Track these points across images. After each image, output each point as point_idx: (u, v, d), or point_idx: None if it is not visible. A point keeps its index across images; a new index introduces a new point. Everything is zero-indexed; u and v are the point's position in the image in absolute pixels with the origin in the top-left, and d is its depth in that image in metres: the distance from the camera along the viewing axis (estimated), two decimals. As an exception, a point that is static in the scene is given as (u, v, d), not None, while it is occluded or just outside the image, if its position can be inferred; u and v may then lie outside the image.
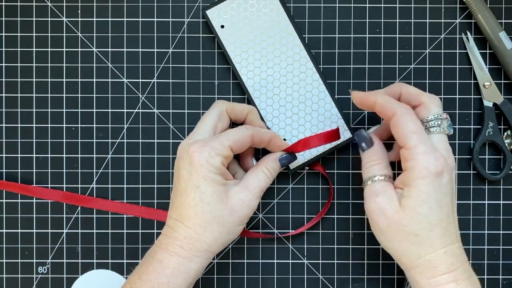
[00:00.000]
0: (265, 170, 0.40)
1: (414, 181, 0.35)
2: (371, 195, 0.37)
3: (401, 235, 0.36)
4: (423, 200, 0.35)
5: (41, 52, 0.45)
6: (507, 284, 0.46)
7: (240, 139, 0.38)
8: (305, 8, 0.45)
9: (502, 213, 0.46)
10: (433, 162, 0.34)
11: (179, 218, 0.37)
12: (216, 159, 0.36)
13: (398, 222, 0.35)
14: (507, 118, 0.44)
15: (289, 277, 0.46)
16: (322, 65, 0.45)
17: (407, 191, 0.35)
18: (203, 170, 0.36)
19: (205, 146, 0.36)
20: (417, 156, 0.35)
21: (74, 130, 0.46)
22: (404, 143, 0.36)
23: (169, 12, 0.45)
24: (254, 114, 0.42)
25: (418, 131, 0.35)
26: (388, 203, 0.36)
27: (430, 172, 0.34)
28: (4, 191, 0.45)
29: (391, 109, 0.36)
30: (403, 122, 0.36)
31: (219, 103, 0.41)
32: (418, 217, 0.35)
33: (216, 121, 0.39)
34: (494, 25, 0.44)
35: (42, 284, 0.46)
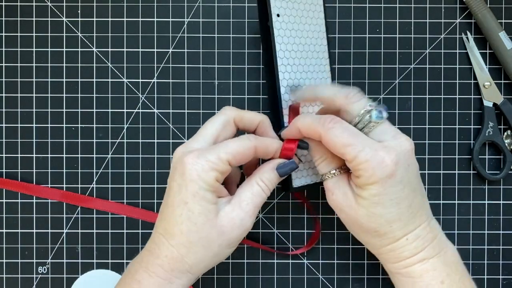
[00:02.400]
0: (260, 182, 0.35)
1: (364, 186, 0.33)
2: (327, 192, 0.36)
3: (361, 229, 0.35)
4: (375, 202, 0.33)
5: (41, 52, 0.45)
6: (507, 284, 0.46)
7: (240, 151, 0.34)
8: (305, 8, 0.45)
9: (502, 213, 0.46)
10: (379, 167, 0.32)
11: (164, 234, 0.34)
12: (210, 175, 0.33)
13: (356, 220, 0.35)
14: (507, 118, 0.44)
15: (289, 277, 0.46)
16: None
17: (360, 191, 0.34)
18: (194, 186, 0.33)
19: (199, 158, 0.33)
20: (359, 166, 0.33)
21: (74, 130, 0.46)
22: (344, 158, 0.34)
23: (169, 12, 0.45)
24: (267, 124, 0.38)
25: (351, 141, 0.33)
26: (343, 200, 0.35)
27: (378, 177, 0.32)
28: (4, 190, 0.45)
29: (314, 132, 0.34)
30: (331, 139, 0.33)
31: (226, 109, 0.37)
32: (374, 216, 0.34)
33: (219, 130, 0.36)
34: (494, 25, 0.44)
35: (42, 284, 0.46)
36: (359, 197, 0.34)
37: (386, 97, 0.45)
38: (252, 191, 0.35)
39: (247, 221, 0.34)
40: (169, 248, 0.34)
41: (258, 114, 0.38)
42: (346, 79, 0.45)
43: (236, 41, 0.45)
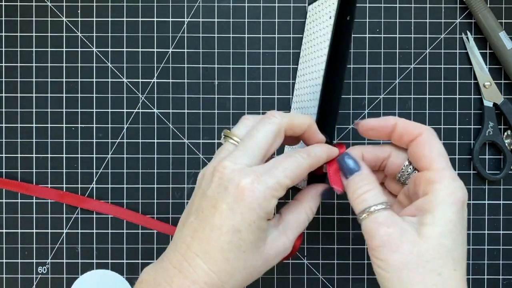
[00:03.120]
0: (308, 211, 0.33)
1: (439, 206, 0.30)
2: (377, 228, 0.30)
3: (421, 273, 0.29)
4: (449, 230, 0.29)
5: (41, 52, 0.45)
6: (507, 284, 0.46)
7: (298, 173, 0.31)
8: (305, 8, 0.45)
9: (502, 213, 0.46)
10: (460, 189, 0.30)
11: (201, 256, 0.30)
12: (272, 203, 0.30)
13: (419, 257, 0.29)
14: (507, 118, 0.44)
15: (289, 277, 0.46)
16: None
17: (430, 218, 0.30)
18: (252, 215, 0.29)
19: (259, 184, 0.29)
20: (444, 179, 0.30)
21: (74, 130, 0.46)
22: (430, 164, 0.31)
23: (169, 12, 0.45)
24: (314, 128, 0.34)
25: (445, 155, 0.32)
26: (403, 235, 0.30)
27: (458, 199, 0.30)
28: (4, 190, 0.45)
29: (416, 129, 0.33)
30: (431, 142, 0.32)
31: (275, 117, 0.32)
32: (443, 251, 0.29)
33: (270, 143, 0.31)
34: (494, 25, 0.44)
35: (42, 284, 0.46)
36: (427, 225, 0.30)
37: (386, 97, 0.45)
38: (300, 219, 0.33)
39: (289, 248, 0.32)
40: (210, 274, 0.30)
41: (306, 118, 0.33)
42: (346, 79, 0.45)
43: (236, 41, 0.45)
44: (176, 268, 0.30)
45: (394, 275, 0.29)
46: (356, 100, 0.45)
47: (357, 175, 0.33)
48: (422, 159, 0.32)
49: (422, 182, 0.31)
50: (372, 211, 0.31)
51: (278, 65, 0.45)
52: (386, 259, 0.30)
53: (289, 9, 0.45)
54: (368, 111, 0.45)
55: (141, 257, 0.46)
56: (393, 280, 0.30)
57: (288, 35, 0.45)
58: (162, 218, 0.46)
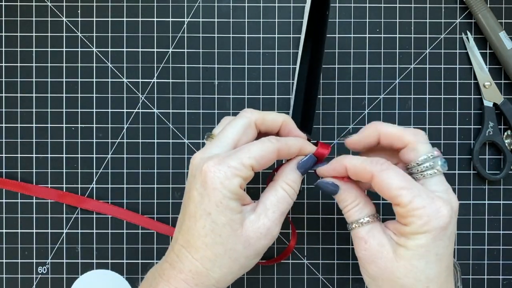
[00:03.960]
0: (284, 186, 0.33)
1: (413, 235, 0.31)
2: (359, 241, 0.33)
3: (394, 285, 0.31)
4: (421, 254, 0.30)
5: (41, 52, 0.45)
6: (507, 284, 0.46)
7: (264, 155, 0.32)
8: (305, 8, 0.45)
9: (502, 213, 0.46)
10: (435, 216, 0.30)
11: (185, 246, 0.32)
12: (234, 182, 0.31)
13: (391, 273, 0.31)
14: (507, 118, 0.44)
15: (289, 277, 0.46)
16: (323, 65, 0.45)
17: (403, 241, 0.31)
18: (217, 194, 0.31)
19: (220, 165, 0.31)
20: (415, 212, 0.30)
21: (74, 130, 0.46)
22: (396, 202, 0.31)
23: (169, 12, 0.45)
24: (290, 124, 0.35)
25: (407, 185, 0.31)
26: (379, 251, 0.32)
27: (433, 227, 0.30)
28: (4, 190, 0.45)
29: (365, 171, 0.32)
30: (385, 180, 0.31)
31: (247, 112, 0.34)
32: (415, 271, 0.31)
33: (240, 134, 0.33)
34: (494, 25, 0.44)
35: (42, 284, 0.46)
36: (401, 247, 0.31)
37: (386, 97, 0.45)
38: (277, 197, 0.33)
39: (273, 229, 0.32)
40: (193, 262, 0.32)
41: (280, 115, 0.35)
42: (346, 79, 0.45)
43: (236, 41, 0.45)
44: (168, 262, 0.33)
45: (373, 282, 0.33)
46: (356, 100, 0.45)
47: (339, 195, 0.34)
48: (388, 198, 0.31)
49: (397, 214, 0.32)
50: (355, 226, 0.33)
51: (278, 65, 0.45)
52: (365, 268, 0.33)
53: (289, 9, 0.45)
54: (368, 111, 0.45)
55: (141, 257, 0.46)
56: (371, 284, 0.33)
57: (288, 35, 0.45)
58: (162, 218, 0.46)
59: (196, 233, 0.31)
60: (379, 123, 0.34)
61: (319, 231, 0.46)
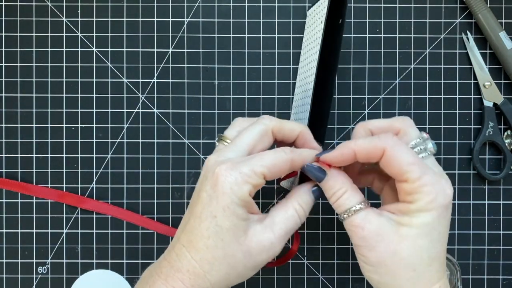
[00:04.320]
0: (297, 206, 0.33)
1: (417, 213, 0.31)
2: (355, 229, 0.32)
3: (397, 269, 0.31)
4: (426, 232, 0.31)
5: (41, 52, 0.45)
6: (507, 284, 0.46)
7: (276, 164, 0.32)
8: (305, 8, 0.45)
9: (502, 213, 0.46)
10: (442, 193, 0.30)
11: (186, 246, 0.32)
12: (244, 188, 0.31)
13: (395, 255, 0.31)
14: (507, 118, 0.44)
15: (289, 277, 0.46)
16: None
17: (407, 220, 0.31)
18: (225, 199, 0.30)
19: (232, 170, 0.31)
20: (424, 188, 0.30)
21: (74, 130, 0.46)
22: (405, 178, 0.31)
23: (169, 12, 0.45)
24: (307, 135, 0.35)
25: (417, 161, 0.31)
26: (379, 235, 0.31)
27: (439, 204, 0.30)
28: (4, 190, 0.45)
29: (377, 147, 0.31)
30: (397, 156, 0.31)
31: (265, 119, 0.34)
32: (419, 250, 0.31)
33: (256, 140, 0.33)
34: (494, 25, 0.44)
35: (42, 284, 0.46)
36: (405, 226, 0.31)
37: (386, 97, 0.45)
38: (287, 215, 0.33)
39: (276, 245, 0.32)
40: (192, 262, 0.32)
41: (298, 125, 0.35)
42: (346, 79, 0.45)
43: (236, 41, 0.45)
44: (166, 260, 0.33)
45: (374, 269, 0.32)
46: (356, 100, 0.45)
47: (325, 181, 0.33)
48: (395, 174, 0.31)
49: (402, 192, 0.32)
50: (349, 214, 0.32)
51: (278, 65, 0.45)
52: (366, 256, 0.32)
53: (289, 9, 0.45)
54: (368, 111, 0.45)
55: (141, 257, 0.46)
56: (373, 273, 0.32)
57: (288, 35, 0.45)
58: (162, 218, 0.46)
59: (199, 233, 0.31)
60: (366, 121, 0.34)
61: (319, 231, 0.46)
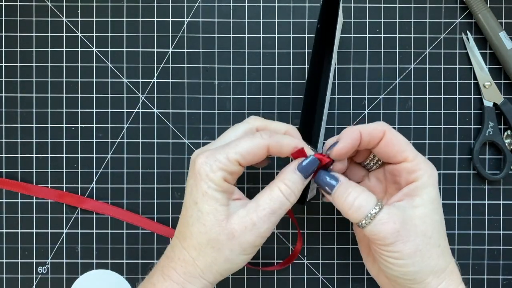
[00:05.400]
0: (282, 187, 0.33)
1: (424, 189, 0.33)
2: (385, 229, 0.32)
3: (428, 250, 0.32)
4: (436, 207, 0.34)
5: (41, 52, 0.45)
6: (507, 284, 0.46)
7: (251, 151, 0.32)
8: (305, 8, 0.45)
9: (502, 213, 0.46)
10: (433, 169, 0.34)
11: (178, 236, 0.34)
12: (218, 174, 0.32)
13: (423, 235, 0.32)
14: (507, 118, 0.44)
15: (289, 277, 0.46)
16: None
17: (419, 200, 0.33)
18: (203, 185, 0.32)
19: (208, 158, 0.32)
20: (421, 165, 0.34)
21: (74, 130, 0.46)
22: (404, 156, 0.34)
23: (169, 12, 0.45)
24: (294, 134, 0.36)
25: (409, 142, 0.35)
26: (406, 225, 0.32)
27: (435, 179, 0.34)
28: (4, 190, 0.45)
29: (378, 129, 0.34)
30: (396, 137, 0.34)
31: (251, 119, 0.36)
32: (437, 225, 0.33)
33: (240, 136, 0.34)
34: (494, 25, 0.44)
35: (42, 284, 0.46)
36: (419, 207, 0.33)
37: (386, 97, 0.45)
38: (271, 196, 0.32)
39: (260, 226, 0.32)
40: (182, 250, 0.33)
41: (284, 124, 0.36)
42: (346, 79, 0.45)
43: (236, 41, 0.45)
44: (165, 254, 0.35)
45: (409, 260, 0.32)
46: (356, 100, 0.45)
47: (338, 187, 0.33)
48: (396, 155, 0.34)
49: (403, 173, 0.34)
50: (373, 215, 0.32)
51: (278, 65, 0.45)
52: (401, 250, 0.32)
53: (289, 9, 0.45)
54: (368, 111, 0.45)
55: (141, 257, 0.46)
56: (408, 264, 0.32)
57: (288, 35, 0.45)
58: (162, 218, 0.46)
59: (185, 222, 0.33)
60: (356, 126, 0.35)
61: (319, 231, 0.46)
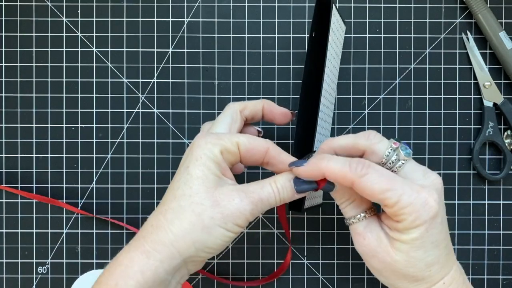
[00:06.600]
0: (273, 184, 0.33)
1: (405, 230, 0.31)
2: (357, 237, 0.34)
3: (398, 275, 0.33)
4: (417, 245, 0.31)
5: (41, 52, 0.45)
6: (507, 284, 0.46)
7: (252, 144, 0.33)
8: (305, 8, 0.45)
9: (502, 213, 0.46)
10: (423, 209, 0.30)
11: (160, 205, 0.33)
12: (216, 146, 0.32)
13: (392, 265, 0.32)
14: (507, 118, 0.44)
15: (289, 277, 0.46)
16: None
17: (398, 235, 0.32)
18: (198, 151, 0.32)
19: (208, 134, 0.33)
20: (403, 210, 0.31)
21: (74, 130, 0.46)
22: (383, 204, 0.31)
23: (169, 12, 0.45)
24: (271, 105, 0.38)
25: (390, 186, 0.30)
26: (377, 245, 0.33)
27: (423, 220, 0.31)
28: (4, 191, 0.45)
29: (345, 180, 0.31)
30: (367, 186, 0.31)
31: (229, 104, 0.37)
32: (414, 261, 0.32)
33: (230, 122, 0.36)
34: (494, 25, 0.44)
35: (42, 284, 0.46)
36: (397, 241, 0.32)
37: (386, 97, 0.45)
38: (262, 187, 0.32)
39: (246, 205, 0.31)
40: (158, 215, 0.32)
41: (260, 100, 0.38)
42: (346, 79, 0.45)
43: (236, 41, 0.45)
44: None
45: (378, 272, 0.34)
46: (356, 100, 0.45)
47: (333, 193, 0.35)
48: (374, 200, 0.32)
49: (387, 213, 0.32)
50: (352, 221, 0.34)
51: (278, 65, 0.45)
52: (369, 262, 0.34)
53: (289, 9, 0.45)
54: (368, 111, 0.45)
55: (141, 257, 0.46)
56: (378, 275, 0.35)
57: (288, 35, 0.45)
58: (162, 218, 0.46)
59: (171, 186, 0.32)
60: (331, 139, 0.34)
61: (319, 231, 0.46)
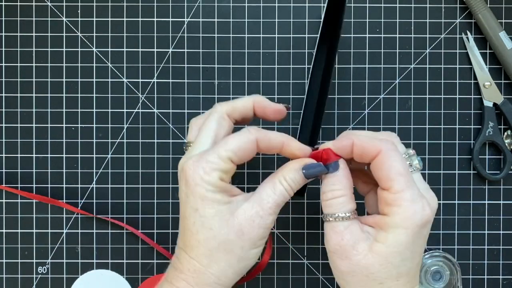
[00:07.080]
0: (283, 182, 0.32)
1: (393, 229, 0.30)
2: (334, 236, 0.32)
3: (364, 281, 0.31)
4: (399, 251, 0.31)
5: (41, 52, 0.45)
6: (507, 284, 0.46)
7: (242, 147, 0.31)
8: (305, 8, 0.45)
9: (502, 213, 0.46)
10: (420, 212, 0.30)
11: (183, 247, 0.32)
12: (214, 175, 0.31)
13: (365, 269, 0.31)
14: (507, 118, 0.44)
15: (289, 277, 0.46)
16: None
17: (383, 236, 0.31)
18: (199, 190, 0.31)
19: (199, 161, 0.31)
20: (403, 202, 0.30)
21: (74, 130, 0.46)
22: (388, 186, 0.31)
23: (169, 12, 0.45)
24: (262, 102, 0.35)
25: (405, 174, 0.31)
26: (354, 248, 0.31)
27: (414, 223, 0.30)
28: (4, 191, 0.45)
29: (375, 147, 0.31)
30: (388, 161, 0.31)
31: (216, 106, 0.35)
32: (389, 267, 0.31)
33: (216, 129, 0.33)
34: (494, 25, 0.44)
35: (42, 284, 0.46)
36: (379, 243, 0.31)
37: (386, 97, 0.45)
38: (274, 190, 0.32)
39: (267, 219, 0.31)
40: (190, 261, 0.32)
41: (249, 97, 0.35)
42: (346, 79, 0.45)
43: (236, 41, 0.45)
44: (171, 266, 0.34)
45: (341, 276, 0.32)
46: (356, 100, 0.45)
47: (331, 176, 0.33)
48: (381, 179, 0.31)
49: (382, 202, 0.32)
50: (334, 218, 0.32)
51: (278, 65, 0.45)
52: (336, 263, 0.32)
53: (289, 9, 0.45)
54: (368, 111, 0.45)
55: (141, 257, 0.46)
56: (340, 279, 0.33)
57: (288, 35, 0.45)
58: (162, 218, 0.46)
59: (188, 231, 0.32)
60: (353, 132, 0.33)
61: (319, 231, 0.46)
